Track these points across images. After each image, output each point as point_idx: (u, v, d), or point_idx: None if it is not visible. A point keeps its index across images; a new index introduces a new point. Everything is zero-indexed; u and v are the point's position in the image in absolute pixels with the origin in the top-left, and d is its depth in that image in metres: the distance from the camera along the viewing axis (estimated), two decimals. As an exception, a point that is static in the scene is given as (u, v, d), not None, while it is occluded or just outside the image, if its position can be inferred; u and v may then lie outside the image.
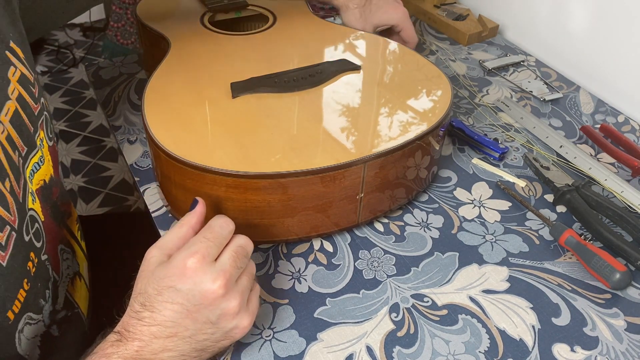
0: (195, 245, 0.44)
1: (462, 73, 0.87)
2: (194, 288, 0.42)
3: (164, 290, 0.43)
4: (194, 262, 0.43)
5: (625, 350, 0.51)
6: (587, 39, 0.85)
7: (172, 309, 0.42)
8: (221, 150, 0.55)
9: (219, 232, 0.45)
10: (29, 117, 0.49)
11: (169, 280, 0.43)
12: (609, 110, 0.81)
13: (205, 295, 0.42)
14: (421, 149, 0.59)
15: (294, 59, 0.70)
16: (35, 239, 0.48)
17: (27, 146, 0.49)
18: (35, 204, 0.49)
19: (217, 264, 0.44)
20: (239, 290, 0.44)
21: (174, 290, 0.42)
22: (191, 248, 0.44)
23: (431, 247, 0.59)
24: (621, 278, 0.54)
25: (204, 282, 0.42)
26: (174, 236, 0.47)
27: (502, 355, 0.50)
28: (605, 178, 0.66)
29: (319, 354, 0.49)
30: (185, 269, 0.43)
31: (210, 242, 0.44)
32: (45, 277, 0.49)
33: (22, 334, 0.45)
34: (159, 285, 0.43)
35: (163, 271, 0.43)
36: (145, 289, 0.43)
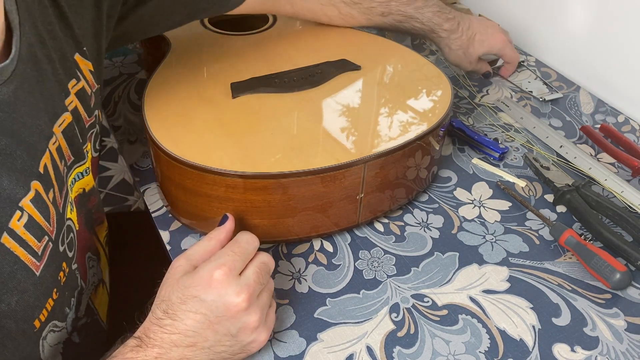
0: (223, 258, 0.45)
1: (462, 73, 0.87)
2: (218, 299, 0.43)
3: (188, 299, 0.43)
4: (221, 274, 0.44)
5: (626, 350, 0.51)
6: (587, 39, 0.85)
7: (195, 319, 0.43)
8: (221, 150, 0.55)
9: (245, 247, 0.47)
10: (81, 129, 0.51)
11: (194, 290, 0.44)
12: (609, 110, 0.81)
13: (229, 308, 0.43)
14: (421, 149, 0.59)
15: (294, 59, 0.70)
16: (68, 249, 0.48)
17: (75, 156, 0.50)
18: (72, 213, 0.50)
19: (241, 278, 0.45)
20: (260, 306, 0.45)
21: (199, 300, 0.43)
22: (218, 260, 0.45)
23: (431, 247, 0.59)
24: (621, 278, 0.54)
25: (229, 294, 0.43)
26: (201, 248, 0.48)
27: (502, 355, 0.50)
28: (605, 178, 0.66)
29: (319, 354, 0.49)
30: (212, 280, 0.44)
31: (237, 257, 0.45)
32: (73, 286, 0.50)
33: (46, 341, 0.46)
34: (183, 294, 0.44)
35: (189, 280, 0.44)
36: (169, 297, 0.44)
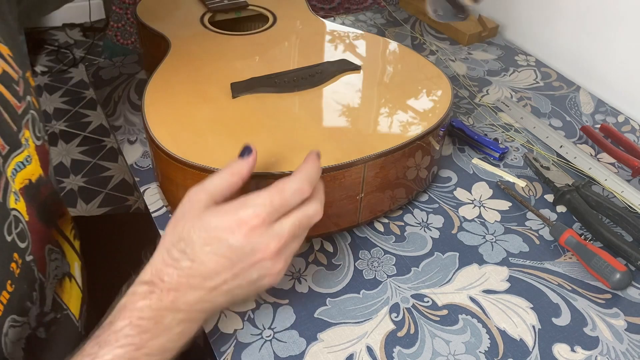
0: (260, 207, 0.41)
1: (462, 73, 0.87)
2: (246, 246, 0.40)
3: (213, 241, 0.40)
4: (255, 223, 0.40)
5: (626, 350, 0.51)
6: (586, 39, 0.85)
7: (217, 262, 0.41)
8: (221, 150, 0.55)
9: (289, 200, 0.42)
10: (11, 115, 0.48)
11: (221, 232, 0.40)
12: (609, 110, 0.81)
13: (256, 255, 0.41)
14: (421, 149, 0.59)
15: (294, 59, 0.70)
16: (19, 240, 0.46)
17: (9, 145, 0.47)
18: (18, 203, 0.47)
19: (276, 226, 0.41)
20: (287, 255, 0.43)
21: (226, 244, 0.40)
22: (255, 209, 0.41)
23: (431, 247, 0.59)
24: (621, 278, 0.54)
25: (260, 243, 0.41)
26: (223, 183, 0.43)
27: (502, 355, 0.50)
28: (605, 178, 0.66)
29: (319, 354, 0.49)
30: (243, 226, 0.40)
31: (274, 209, 0.41)
32: (30, 279, 0.48)
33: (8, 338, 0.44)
34: (208, 234, 0.40)
35: (215, 220, 0.41)
36: (189, 235, 0.41)
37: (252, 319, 0.52)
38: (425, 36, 0.96)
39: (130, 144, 0.71)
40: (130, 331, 0.40)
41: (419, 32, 0.97)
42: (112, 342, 0.40)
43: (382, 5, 1.05)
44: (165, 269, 0.41)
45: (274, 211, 0.41)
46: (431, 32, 0.97)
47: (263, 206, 0.41)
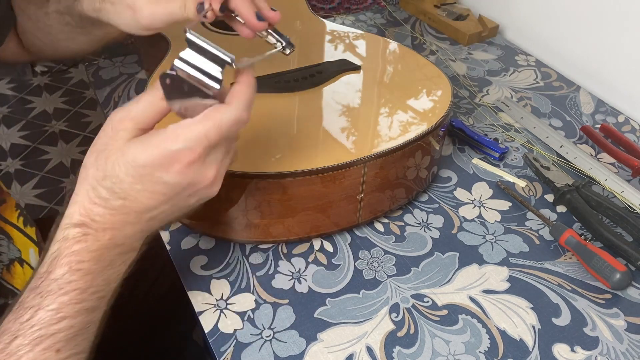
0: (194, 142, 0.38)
1: (462, 73, 0.87)
2: (182, 181, 0.38)
3: (145, 178, 0.38)
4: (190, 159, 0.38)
5: (626, 350, 0.51)
6: (587, 39, 0.85)
7: (152, 197, 0.39)
8: (221, 150, 0.54)
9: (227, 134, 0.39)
10: None
11: (153, 170, 0.38)
12: (609, 110, 0.81)
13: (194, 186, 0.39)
14: (421, 149, 0.59)
15: (294, 59, 0.70)
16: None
17: None
18: None
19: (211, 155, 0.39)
20: (222, 173, 0.41)
21: (160, 181, 0.38)
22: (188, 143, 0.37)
23: (431, 247, 0.59)
24: (621, 278, 0.54)
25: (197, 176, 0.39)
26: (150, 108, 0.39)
27: (502, 355, 0.50)
28: (605, 178, 0.66)
29: (319, 354, 0.49)
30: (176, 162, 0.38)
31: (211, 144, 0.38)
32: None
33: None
34: (137, 172, 0.38)
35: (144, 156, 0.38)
36: (116, 173, 0.38)
37: (252, 319, 0.52)
38: (425, 36, 0.96)
39: (130, 144, 0.71)
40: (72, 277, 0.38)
41: (419, 32, 0.97)
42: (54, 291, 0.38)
43: (382, 5, 1.05)
44: (95, 208, 0.39)
45: (210, 146, 0.38)
46: (431, 32, 0.97)
47: (198, 141, 0.38)
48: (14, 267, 0.54)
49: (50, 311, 0.38)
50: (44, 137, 1.82)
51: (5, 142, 1.79)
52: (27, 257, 0.57)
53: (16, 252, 0.56)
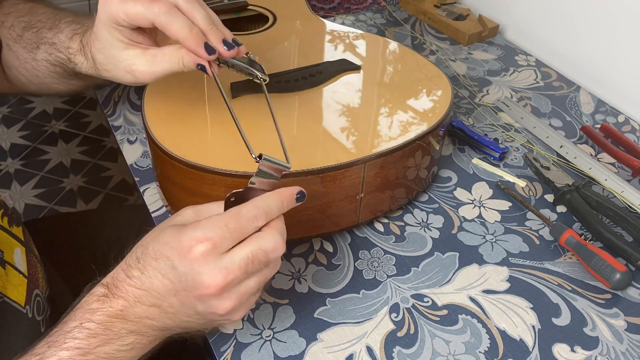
0: (211, 230, 0.38)
1: (462, 73, 0.87)
2: (189, 274, 0.38)
3: (161, 258, 0.39)
4: (201, 249, 0.37)
5: (626, 350, 0.51)
6: (586, 39, 0.85)
7: (162, 282, 0.39)
8: (221, 150, 0.55)
9: (244, 225, 0.39)
10: None
11: (169, 252, 0.38)
12: (609, 110, 0.81)
13: (198, 288, 0.38)
14: (421, 149, 0.59)
15: (294, 59, 0.70)
16: None
17: None
18: None
19: (224, 258, 0.38)
20: (239, 293, 0.40)
21: (171, 265, 0.38)
22: (205, 231, 0.38)
23: (431, 247, 0.59)
24: (621, 278, 0.54)
25: (202, 274, 0.38)
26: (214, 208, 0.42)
27: (502, 355, 0.50)
28: (605, 178, 0.66)
29: (319, 354, 0.49)
30: (189, 251, 0.38)
31: (229, 234, 0.38)
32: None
33: None
34: (159, 249, 0.39)
35: (169, 237, 0.39)
36: (148, 244, 0.40)
37: (252, 319, 0.52)
38: (425, 36, 0.96)
39: (130, 144, 0.71)
40: (79, 334, 0.39)
41: (419, 32, 0.97)
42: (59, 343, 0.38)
43: (382, 5, 1.05)
44: (119, 275, 0.40)
45: (226, 238, 0.38)
46: (431, 32, 0.97)
47: (216, 229, 0.38)
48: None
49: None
50: (44, 137, 1.82)
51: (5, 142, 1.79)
52: (11, 258, 0.56)
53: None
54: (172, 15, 0.46)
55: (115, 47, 0.50)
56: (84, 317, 0.39)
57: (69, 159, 1.75)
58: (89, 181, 1.68)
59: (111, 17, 0.48)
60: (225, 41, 0.47)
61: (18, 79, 0.64)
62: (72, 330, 0.39)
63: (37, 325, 0.55)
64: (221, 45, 0.47)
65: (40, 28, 0.59)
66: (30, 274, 0.57)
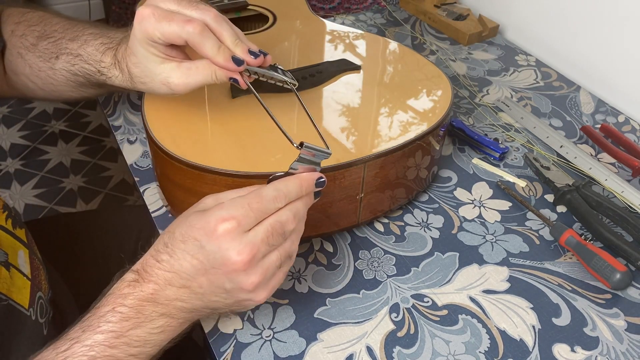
0: (235, 209, 0.41)
1: (462, 73, 0.87)
2: (217, 252, 0.40)
3: (189, 240, 0.41)
4: (227, 226, 0.40)
5: (626, 350, 0.51)
6: (587, 39, 0.85)
7: (191, 262, 0.41)
8: (221, 150, 0.55)
9: (266, 206, 0.42)
10: None
11: (197, 233, 0.41)
12: (609, 110, 0.81)
13: (226, 264, 0.41)
14: (421, 149, 0.59)
15: (294, 58, 0.70)
16: None
17: None
18: None
19: (249, 235, 0.41)
20: (263, 268, 0.42)
21: (199, 245, 0.41)
22: (230, 210, 0.41)
23: (431, 247, 0.59)
24: (621, 278, 0.54)
25: (229, 250, 0.40)
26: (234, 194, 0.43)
27: (502, 355, 0.50)
28: (605, 178, 0.66)
29: (319, 354, 0.49)
30: (215, 230, 0.40)
31: (252, 213, 0.41)
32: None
33: None
34: (186, 232, 0.41)
35: (195, 220, 0.41)
36: (174, 230, 0.42)
37: (252, 319, 0.52)
38: (425, 36, 0.96)
39: (130, 144, 0.71)
40: (112, 317, 0.40)
41: (419, 32, 0.97)
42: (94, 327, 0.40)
43: (382, 5, 1.05)
44: (149, 260, 0.42)
45: (250, 216, 0.41)
46: (431, 32, 0.97)
47: (239, 209, 0.41)
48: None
49: (85, 347, 0.40)
50: (43, 137, 1.82)
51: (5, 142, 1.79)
52: (15, 260, 0.57)
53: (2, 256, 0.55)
54: (204, 36, 0.49)
55: (152, 61, 0.53)
56: (116, 301, 0.41)
57: (69, 159, 1.75)
58: (89, 181, 1.68)
59: (147, 35, 0.50)
60: (251, 51, 0.51)
61: (26, 86, 0.65)
62: (105, 314, 0.41)
63: (40, 328, 0.55)
64: (248, 55, 0.50)
65: (59, 39, 0.61)
66: (33, 276, 0.57)
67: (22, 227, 0.61)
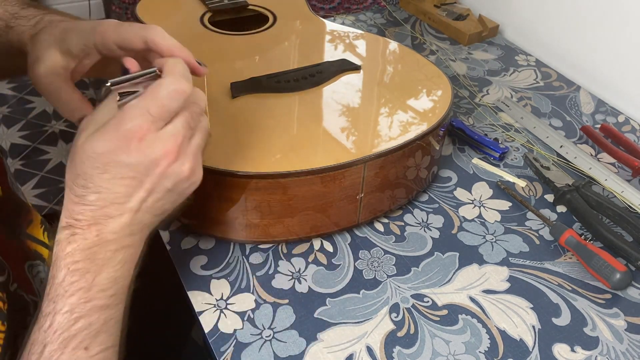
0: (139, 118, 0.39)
1: (462, 73, 0.87)
2: (143, 159, 0.39)
3: (108, 166, 0.38)
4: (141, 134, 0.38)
5: (626, 350, 0.51)
6: (587, 39, 0.85)
7: (124, 184, 0.39)
8: (221, 150, 0.55)
9: (169, 105, 0.40)
10: None
11: (112, 155, 0.38)
12: (609, 110, 0.81)
13: (158, 164, 0.39)
14: (421, 149, 0.59)
15: (294, 58, 0.70)
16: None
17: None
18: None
19: (166, 129, 0.40)
20: (192, 151, 0.41)
21: (123, 164, 0.38)
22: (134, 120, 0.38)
23: (431, 247, 0.59)
24: (621, 278, 0.54)
25: (155, 150, 0.39)
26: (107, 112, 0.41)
27: (502, 355, 0.50)
28: (605, 178, 0.66)
29: (319, 354, 0.49)
30: (130, 141, 0.38)
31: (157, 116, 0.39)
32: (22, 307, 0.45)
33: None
34: (100, 161, 0.38)
35: (99, 145, 0.38)
36: (84, 170, 0.39)
37: (252, 318, 0.52)
38: (425, 36, 0.96)
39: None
40: (72, 278, 0.39)
41: (419, 32, 0.97)
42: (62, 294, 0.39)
43: (382, 5, 1.05)
44: (76, 207, 0.40)
45: (156, 118, 0.39)
46: (431, 32, 0.97)
47: (142, 116, 0.39)
48: None
49: (65, 314, 0.39)
50: (43, 137, 1.82)
51: (5, 142, 1.79)
52: None
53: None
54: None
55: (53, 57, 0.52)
56: (66, 262, 0.39)
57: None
58: (89, 181, 1.68)
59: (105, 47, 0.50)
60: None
61: None
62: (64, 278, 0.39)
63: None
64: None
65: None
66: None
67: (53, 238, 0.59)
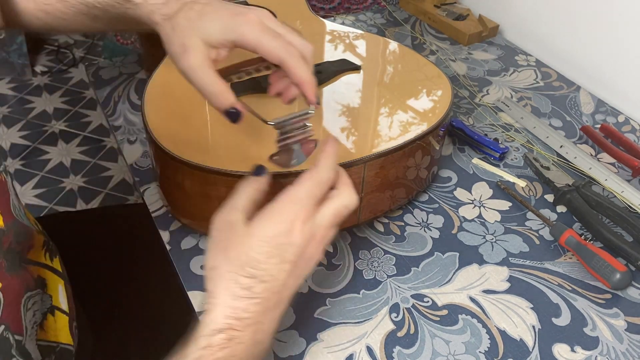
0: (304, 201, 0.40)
1: (462, 73, 0.87)
2: (303, 242, 0.40)
3: (278, 250, 0.39)
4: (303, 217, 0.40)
5: (626, 350, 0.51)
6: (587, 39, 0.85)
7: (284, 270, 0.39)
8: (221, 150, 0.55)
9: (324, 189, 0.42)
10: None
11: (283, 238, 0.39)
12: (609, 110, 0.81)
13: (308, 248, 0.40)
14: (421, 149, 0.59)
15: (294, 59, 0.70)
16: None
17: None
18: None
19: (318, 216, 0.41)
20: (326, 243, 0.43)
21: (291, 247, 0.39)
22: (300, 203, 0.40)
23: (431, 247, 0.59)
24: (621, 278, 0.54)
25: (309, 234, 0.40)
26: (248, 197, 0.42)
27: (502, 355, 0.50)
28: (605, 178, 0.66)
29: (319, 354, 0.49)
30: (295, 223, 0.39)
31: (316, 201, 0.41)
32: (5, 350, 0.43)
33: None
34: (270, 245, 0.39)
35: (270, 229, 0.39)
36: (252, 256, 0.39)
37: (252, 319, 0.52)
38: (425, 36, 0.96)
39: (130, 144, 0.71)
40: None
41: (419, 32, 0.97)
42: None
43: (382, 5, 1.05)
44: (240, 303, 0.38)
45: (316, 202, 0.41)
46: (431, 32, 0.97)
47: (307, 199, 0.40)
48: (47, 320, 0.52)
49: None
50: (44, 137, 1.82)
51: (5, 142, 1.79)
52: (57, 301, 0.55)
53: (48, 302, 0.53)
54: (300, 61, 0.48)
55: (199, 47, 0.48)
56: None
57: (69, 159, 1.75)
58: (89, 181, 1.68)
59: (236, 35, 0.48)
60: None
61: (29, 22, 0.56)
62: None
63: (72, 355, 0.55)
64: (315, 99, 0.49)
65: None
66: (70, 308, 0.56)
67: (56, 255, 0.59)
